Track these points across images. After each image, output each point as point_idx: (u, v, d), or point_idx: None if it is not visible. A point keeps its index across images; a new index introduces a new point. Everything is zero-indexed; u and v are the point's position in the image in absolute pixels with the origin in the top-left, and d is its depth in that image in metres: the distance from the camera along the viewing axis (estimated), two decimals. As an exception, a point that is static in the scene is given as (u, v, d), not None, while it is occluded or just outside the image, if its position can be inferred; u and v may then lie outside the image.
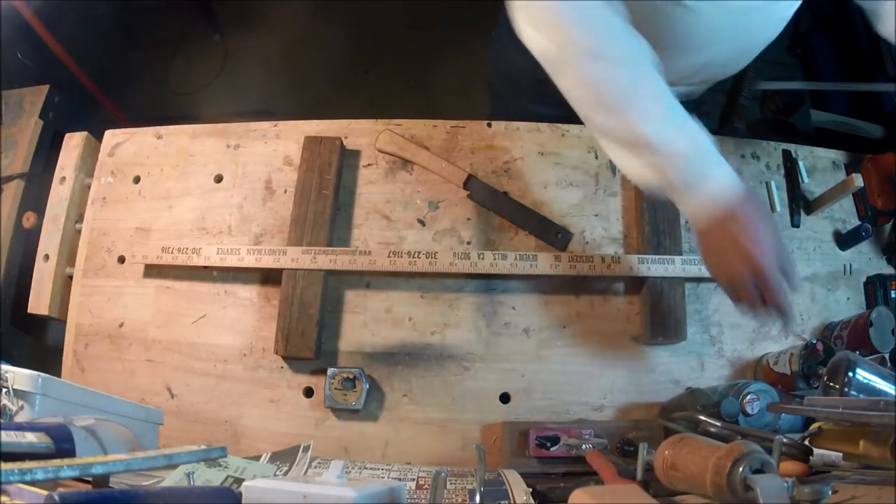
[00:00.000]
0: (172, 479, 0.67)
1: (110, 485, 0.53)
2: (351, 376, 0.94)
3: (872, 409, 0.59)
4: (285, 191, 1.05)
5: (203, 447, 0.59)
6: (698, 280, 1.02)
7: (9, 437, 0.51)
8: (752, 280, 0.75)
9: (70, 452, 0.56)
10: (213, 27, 2.34)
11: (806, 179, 1.10)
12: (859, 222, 1.08)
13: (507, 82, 1.19)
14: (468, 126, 1.08)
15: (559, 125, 1.08)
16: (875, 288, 1.04)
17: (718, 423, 0.79)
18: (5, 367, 0.67)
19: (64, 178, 1.08)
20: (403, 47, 2.19)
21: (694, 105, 0.99)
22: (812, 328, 1.03)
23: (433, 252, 0.98)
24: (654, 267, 0.98)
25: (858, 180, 1.02)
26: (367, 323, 1.00)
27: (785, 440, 0.65)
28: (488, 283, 1.01)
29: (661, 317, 0.96)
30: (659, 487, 0.63)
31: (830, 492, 0.51)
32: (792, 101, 1.61)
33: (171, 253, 0.99)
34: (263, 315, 1.00)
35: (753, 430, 0.80)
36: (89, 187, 1.09)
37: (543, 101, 1.03)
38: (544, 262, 0.98)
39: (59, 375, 1.00)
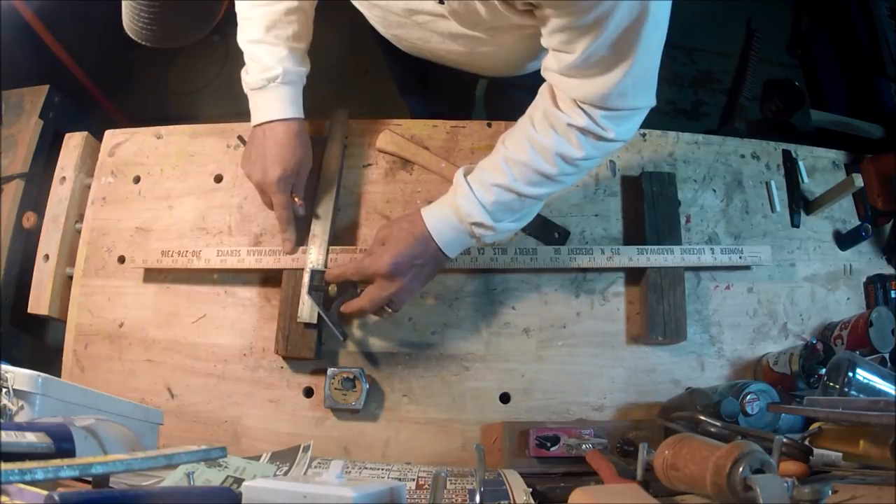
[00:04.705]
0: (172, 479, 0.67)
1: (110, 485, 0.53)
2: (351, 376, 0.94)
3: (872, 409, 0.59)
4: (285, 191, 1.05)
5: (203, 447, 0.59)
6: (698, 275, 1.02)
7: (9, 437, 0.51)
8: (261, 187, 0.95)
9: (70, 452, 0.56)
10: (213, 27, 2.34)
11: (806, 179, 1.10)
12: (859, 222, 1.08)
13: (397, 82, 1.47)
14: (468, 126, 1.08)
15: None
16: (875, 288, 1.05)
17: (718, 423, 0.79)
18: (5, 367, 0.67)
19: (64, 178, 1.08)
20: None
21: (693, 105, 1.00)
22: (812, 328, 1.03)
23: (433, 251, 0.97)
24: (654, 257, 0.98)
25: (858, 180, 1.02)
26: (367, 323, 1.00)
27: (785, 440, 0.65)
28: (488, 282, 1.01)
29: (661, 317, 0.97)
30: (659, 487, 0.63)
31: (830, 492, 0.51)
32: (792, 101, 1.61)
33: (171, 256, 0.99)
34: (263, 315, 1.00)
35: (753, 430, 0.80)
36: (89, 187, 1.09)
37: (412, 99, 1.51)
38: (544, 256, 0.98)
39: (59, 375, 1.00)
